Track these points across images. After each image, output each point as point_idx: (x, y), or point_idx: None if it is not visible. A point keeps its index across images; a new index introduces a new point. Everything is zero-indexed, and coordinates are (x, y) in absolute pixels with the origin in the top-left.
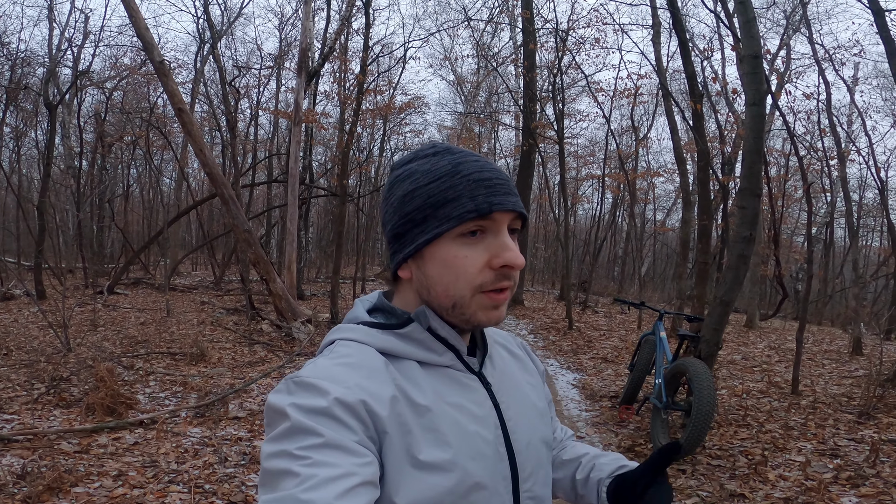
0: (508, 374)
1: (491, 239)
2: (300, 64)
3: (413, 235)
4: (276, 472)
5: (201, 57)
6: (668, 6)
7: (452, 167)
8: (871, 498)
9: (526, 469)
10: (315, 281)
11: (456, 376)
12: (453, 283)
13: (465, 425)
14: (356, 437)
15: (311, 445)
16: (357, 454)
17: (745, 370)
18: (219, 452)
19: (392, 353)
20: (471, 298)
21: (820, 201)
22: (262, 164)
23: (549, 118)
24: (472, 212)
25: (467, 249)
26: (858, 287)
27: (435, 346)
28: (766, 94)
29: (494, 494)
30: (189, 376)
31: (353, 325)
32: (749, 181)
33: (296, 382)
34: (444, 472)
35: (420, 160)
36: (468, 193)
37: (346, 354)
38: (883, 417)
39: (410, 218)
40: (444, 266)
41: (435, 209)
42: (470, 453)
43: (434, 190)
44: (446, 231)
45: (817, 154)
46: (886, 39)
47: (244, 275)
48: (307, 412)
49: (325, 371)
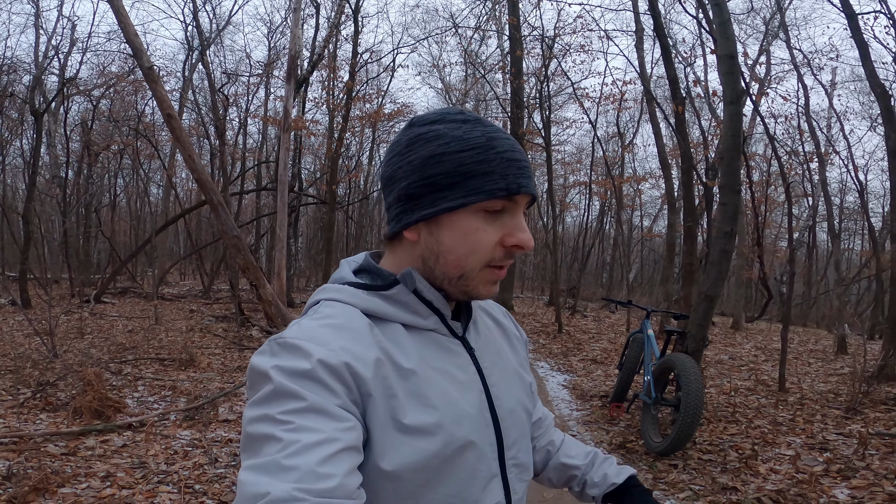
0: (492, 340)
1: (507, 218)
2: (289, 71)
3: (433, 199)
4: (259, 437)
5: (189, 64)
6: (650, 12)
7: (487, 140)
8: (862, 489)
9: (511, 436)
10: (305, 289)
11: (440, 340)
12: (467, 255)
13: (450, 390)
14: (339, 400)
15: (293, 410)
16: (340, 419)
17: (732, 369)
18: (209, 453)
19: (377, 315)
20: (479, 272)
21: (802, 205)
22: (251, 172)
23: (537, 125)
24: (504, 190)
25: (486, 224)
26: (841, 288)
27: (420, 308)
28: (742, 92)
29: (482, 458)
30: (178, 381)
31: (338, 286)
32: (728, 178)
33: (279, 343)
34: (429, 435)
35: (449, 123)
36: (500, 171)
37: (330, 315)
38: (869, 412)
39: (434, 181)
40: (461, 236)
41: (465, 178)
42: (455, 417)
43: (466, 159)
44: (473, 203)
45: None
46: (860, 43)
47: (233, 281)
48: (290, 374)
49: (308, 332)
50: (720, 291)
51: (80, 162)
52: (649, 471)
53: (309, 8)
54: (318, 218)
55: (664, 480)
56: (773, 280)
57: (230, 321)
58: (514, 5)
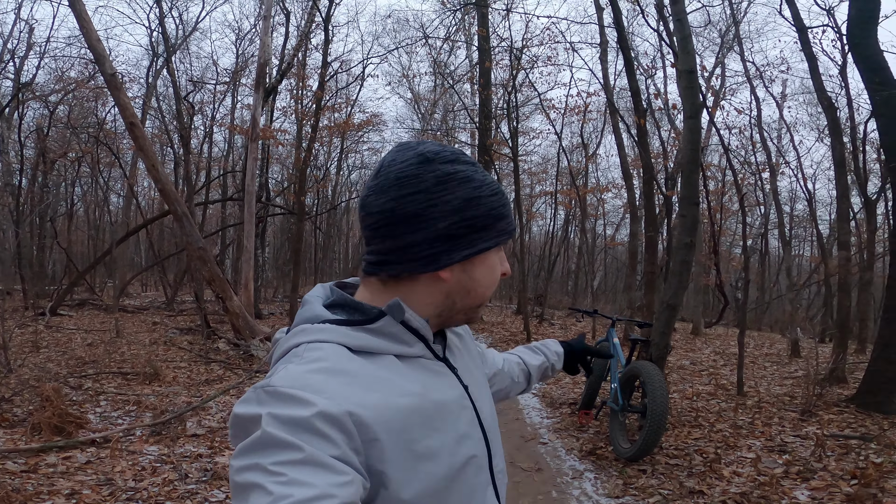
0: (463, 354)
1: (501, 253)
2: (258, 79)
3: (472, 240)
4: (247, 486)
5: (154, 71)
6: (614, 25)
7: (497, 186)
8: (821, 490)
9: (494, 444)
10: (272, 300)
11: (428, 365)
12: (490, 286)
13: (450, 411)
14: (338, 451)
15: (286, 461)
16: (337, 472)
17: (693, 374)
18: (179, 469)
19: (366, 351)
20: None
21: (755, 213)
22: (217, 182)
23: (504, 135)
24: (513, 231)
25: (500, 260)
26: (793, 294)
27: (407, 337)
28: (701, 107)
29: (480, 471)
30: (143, 395)
31: (318, 326)
32: (687, 190)
33: (268, 392)
34: (439, 458)
35: (467, 165)
36: (510, 214)
37: (319, 359)
38: (823, 414)
39: (472, 224)
40: (489, 272)
41: (496, 221)
42: (457, 438)
43: (495, 203)
44: (502, 242)
45: (751, 168)
46: (809, 56)
47: (199, 293)
48: (285, 423)
49: (301, 379)
50: (681, 300)
51: (34, 169)
52: (619, 476)
53: (279, 16)
54: (285, 228)
55: (634, 486)
56: (729, 286)
57: (196, 333)
58: (483, 17)
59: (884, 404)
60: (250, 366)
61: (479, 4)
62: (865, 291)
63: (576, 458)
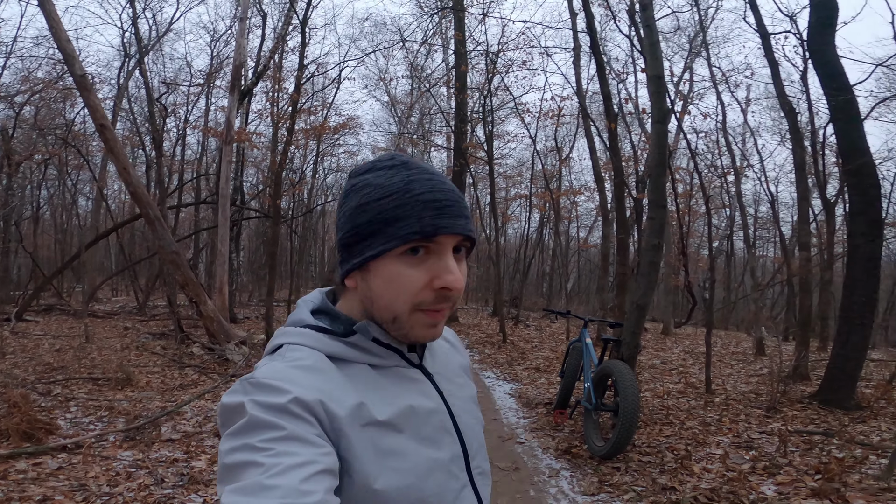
0: (447, 362)
1: (434, 260)
2: (233, 82)
3: (361, 248)
4: (238, 465)
5: (125, 72)
6: (587, 30)
7: (405, 185)
8: (787, 485)
9: (473, 447)
10: (247, 304)
11: (402, 373)
12: (394, 299)
13: (420, 415)
14: (315, 430)
15: (272, 438)
16: (317, 445)
17: (664, 373)
18: (154, 474)
19: (342, 358)
20: (409, 315)
21: (721, 215)
22: (190, 185)
23: (480, 139)
24: (417, 233)
25: (410, 269)
26: (757, 294)
27: (380, 351)
28: (669, 112)
29: (454, 473)
30: (115, 401)
31: (299, 330)
32: (655, 194)
33: (251, 383)
34: (405, 456)
35: (377, 171)
36: (416, 214)
37: (298, 358)
38: (787, 410)
39: (360, 231)
40: (387, 282)
41: (384, 225)
42: (424, 438)
43: (384, 206)
44: (391, 249)
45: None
46: (771, 62)
47: (171, 298)
48: (266, 408)
49: (280, 373)
50: (650, 300)
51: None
52: (595, 474)
53: (255, 17)
54: (260, 232)
55: (609, 483)
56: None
57: (169, 338)
58: (460, 21)
59: (844, 400)
60: (225, 370)
61: (456, 9)
62: (826, 291)
63: (552, 457)
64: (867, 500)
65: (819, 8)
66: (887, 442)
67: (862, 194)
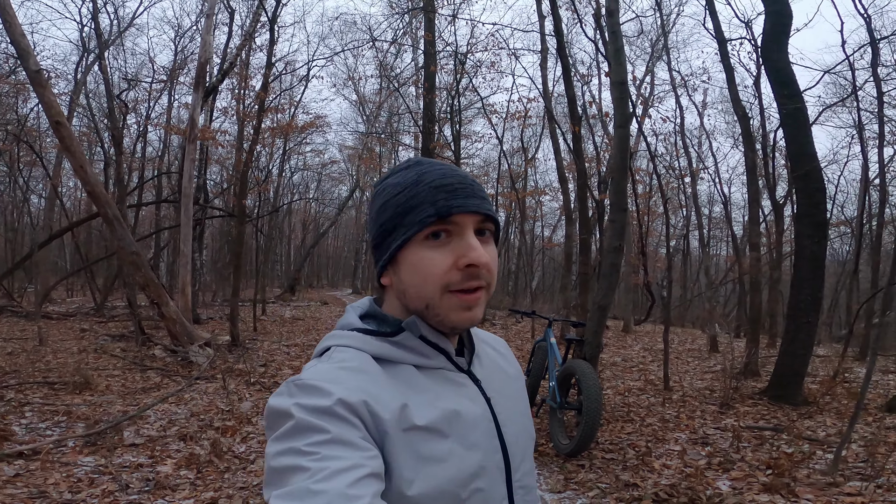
0: (496, 370)
1: (456, 241)
2: (198, 79)
3: (387, 244)
4: (285, 469)
5: (83, 67)
6: (554, 33)
7: (417, 177)
8: (740, 480)
9: (516, 459)
10: (212, 304)
11: (449, 376)
12: (423, 283)
13: (467, 420)
14: (360, 433)
15: (318, 441)
16: (363, 448)
17: (625, 371)
18: (118, 480)
19: (387, 359)
20: (440, 299)
21: (679, 215)
22: (151, 183)
23: (447, 139)
24: (433, 215)
25: (433, 252)
26: (710, 292)
27: (427, 350)
28: (630, 117)
29: (493, 482)
30: (73, 405)
31: (347, 332)
32: (616, 196)
33: (297, 385)
34: (446, 463)
35: (394, 175)
36: (429, 199)
37: (344, 359)
38: (740, 406)
39: (384, 228)
40: (414, 268)
41: (402, 217)
42: (468, 445)
43: (401, 200)
44: (412, 236)
45: (674, 173)
46: (727, 67)
47: (131, 299)
48: (311, 411)
49: (326, 374)
50: (611, 301)
51: None
52: (561, 472)
53: (223, 13)
54: (224, 231)
55: (574, 480)
56: (656, 285)
57: (129, 340)
58: (430, 21)
59: (792, 396)
60: (189, 372)
61: (427, 9)
62: (774, 289)
63: None
64: (815, 495)
65: (774, 15)
66: (832, 437)
67: (809, 197)
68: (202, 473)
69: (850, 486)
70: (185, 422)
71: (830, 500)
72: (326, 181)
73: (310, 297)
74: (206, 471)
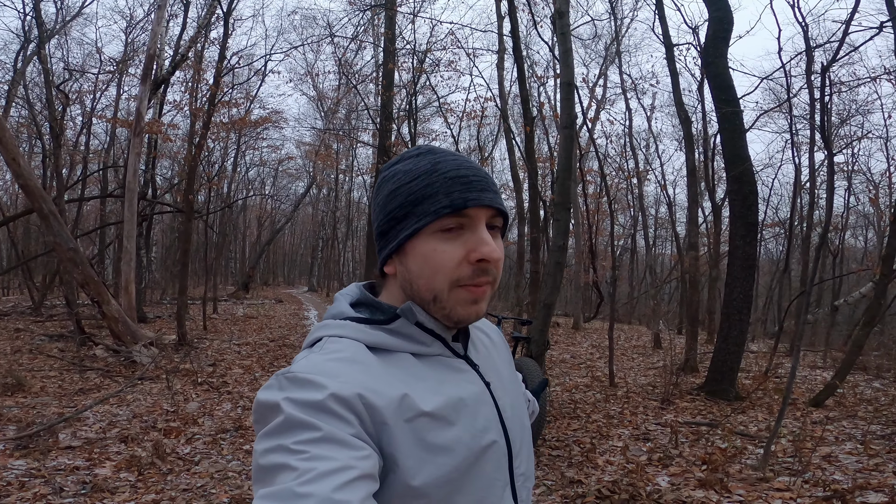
0: (491, 356)
1: (468, 234)
2: (146, 71)
3: (396, 232)
4: (272, 467)
5: (24, 57)
6: (511, 35)
7: (431, 166)
8: (678, 476)
9: (516, 445)
10: (160, 303)
11: (447, 362)
12: (433, 276)
13: (470, 406)
14: (353, 430)
15: (307, 440)
16: (355, 447)
17: (573, 367)
18: (52, 483)
19: (383, 348)
20: (449, 292)
21: (627, 215)
22: (95, 177)
23: (404, 137)
24: (448, 207)
25: (445, 244)
26: (655, 290)
27: (423, 338)
28: (576, 118)
29: (496, 469)
30: (4, 407)
31: (339, 322)
32: (561, 196)
33: (288, 378)
34: (451, 451)
35: (404, 161)
36: (444, 190)
37: (337, 350)
38: (679, 402)
39: (393, 216)
40: (423, 260)
41: (414, 206)
42: (475, 431)
43: (414, 188)
44: (425, 226)
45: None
46: (673, 72)
47: (69, 297)
48: (302, 406)
49: (318, 366)
50: (556, 299)
51: None
52: None
53: (177, 5)
54: (175, 227)
55: None
56: (605, 283)
57: (68, 340)
58: (391, 19)
59: (726, 392)
60: (133, 372)
61: (387, 7)
62: (713, 287)
63: None
64: (746, 490)
65: (716, 21)
66: (762, 432)
67: (742, 199)
68: (143, 475)
69: (779, 482)
70: (126, 423)
71: (761, 496)
72: (283, 177)
73: (264, 295)
74: (148, 473)
